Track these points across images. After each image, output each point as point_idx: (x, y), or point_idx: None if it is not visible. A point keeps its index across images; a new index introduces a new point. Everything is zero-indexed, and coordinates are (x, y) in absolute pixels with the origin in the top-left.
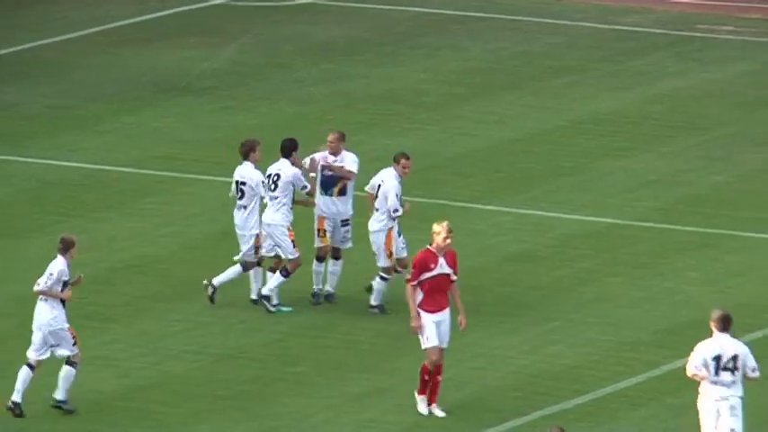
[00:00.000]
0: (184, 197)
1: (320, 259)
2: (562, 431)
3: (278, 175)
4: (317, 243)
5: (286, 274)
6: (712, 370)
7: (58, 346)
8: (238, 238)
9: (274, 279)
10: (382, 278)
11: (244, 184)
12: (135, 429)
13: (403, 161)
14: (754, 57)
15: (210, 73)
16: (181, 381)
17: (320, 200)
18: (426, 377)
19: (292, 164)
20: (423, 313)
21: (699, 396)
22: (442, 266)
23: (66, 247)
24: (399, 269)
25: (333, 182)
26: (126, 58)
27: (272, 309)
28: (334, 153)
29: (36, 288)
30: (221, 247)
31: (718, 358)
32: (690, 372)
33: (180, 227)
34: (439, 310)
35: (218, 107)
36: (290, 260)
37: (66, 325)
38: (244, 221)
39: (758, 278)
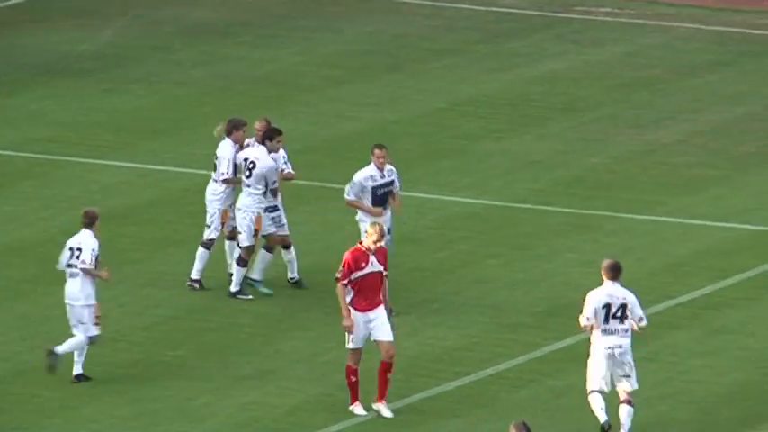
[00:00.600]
0: (63, 180)
1: (287, 247)
2: (525, 426)
3: (253, 163)
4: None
5: (242, 263)
6: (602, 318)
7: (81, 323)
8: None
9: (236, 272)
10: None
11: (216, 158)
12: (16, 413)
13: (376, 151)
14: (632, 39)
15: (89, 55)
16: (62, 365)
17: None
18: (353, 378)
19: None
20: (353, 312)
21: (591, 347)
22: (374, 264)
23: (92, 221)
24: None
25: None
26: (3, 40)
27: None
28: (263, 142)
29: (82, 266)
30: (101, 230)
31: (607, 306)
32: (582, 323)
33: (59, 210)
34: (370, 308)
35: (96, 90)
36: (244, 248)
37: (94, 302)
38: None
39: (635, 259)
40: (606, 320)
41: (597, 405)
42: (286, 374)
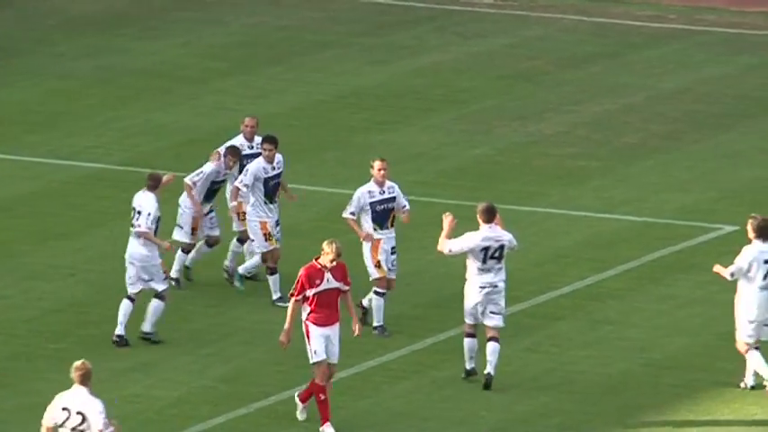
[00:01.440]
0: None
1: (242, 241)
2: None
3: (246, 170)
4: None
5: (271, 272)
6: (480, 259)
7: (151, 280)
8: None
9: (270, 280)
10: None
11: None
12: None
13: (376, 164)
14: (515, 31)
15: None
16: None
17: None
18: (322, 397)
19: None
20: (311, 326)
21: (466, 283)
22: (330, 281)
23: (155, 184)
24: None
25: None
26: None
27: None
28: (250, 139)
29: (138, 230)
30: None
31: (486, 249)
32: (444, 249)
33: None
34: (327, 324)
35: None
36: (264, 253)
37: (159, 260)
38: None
39: (519, 250)
40: (484, 261)
41: (466, 348)
42: (169, 367)
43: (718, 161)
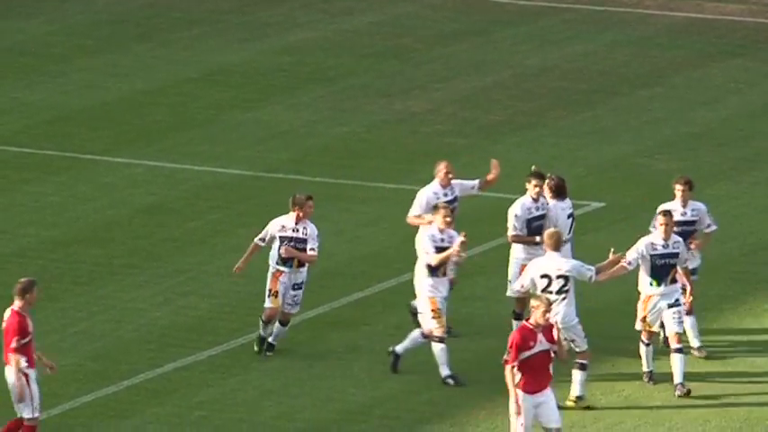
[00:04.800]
0: None
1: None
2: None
3: None
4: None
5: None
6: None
7: None
8: None
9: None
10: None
11: None
12: None
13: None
14: (381, 8)
15: None
16: None
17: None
18: None
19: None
20: (521, 395)
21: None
22: (542, 342)
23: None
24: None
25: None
26: None
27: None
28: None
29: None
30: None
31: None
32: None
33: None
34: (539, 390)
35: None
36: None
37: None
38: None
39: (387, 228)
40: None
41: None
42: (37, 345)
43: (585, 138)
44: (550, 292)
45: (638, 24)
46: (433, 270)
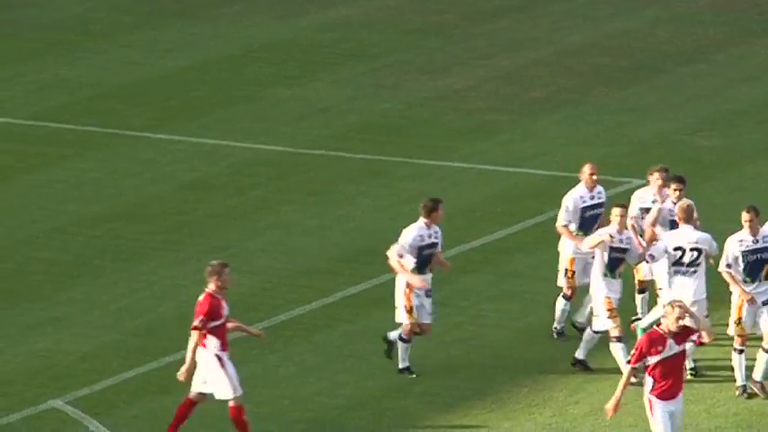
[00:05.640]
0: None
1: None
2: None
3: None
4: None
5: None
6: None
7: None
8: None
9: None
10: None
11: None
12: None
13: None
14: None
15: None
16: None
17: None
18: None
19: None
20: (656, 402)
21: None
22: (672, 347)
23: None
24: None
25: None
26: None
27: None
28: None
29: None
30: None
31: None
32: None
33: None
34: (673, 397)
35: None
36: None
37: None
38: None
39: None
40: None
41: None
42: (79, 321)
43: (627, 115)
44: (681, 264)
45: (681, 1)
46: (611, 271)
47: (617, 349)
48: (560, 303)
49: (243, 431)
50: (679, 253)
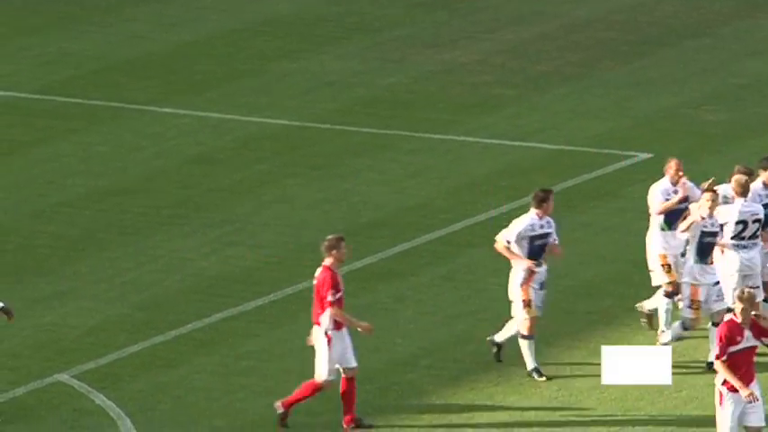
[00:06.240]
0: None
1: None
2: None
3: None
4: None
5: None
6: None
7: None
8: None
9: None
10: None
11: None
12: None
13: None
14: None
15: None
16: None
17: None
18: None
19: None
20: (727, 395)
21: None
22: (748, 339)
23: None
24: None
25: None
26: None
27: None
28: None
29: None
30: None
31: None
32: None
33: None
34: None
35: None
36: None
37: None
38: None
39: (434, 178)
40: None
41: None
42: (85, 295)
43: (633, 89)
44: (743, 238)
45: None
46: (702, 257)
47: (662, 304)
48: (663, 303)
49: (349, 403)
50: (741, 226)
